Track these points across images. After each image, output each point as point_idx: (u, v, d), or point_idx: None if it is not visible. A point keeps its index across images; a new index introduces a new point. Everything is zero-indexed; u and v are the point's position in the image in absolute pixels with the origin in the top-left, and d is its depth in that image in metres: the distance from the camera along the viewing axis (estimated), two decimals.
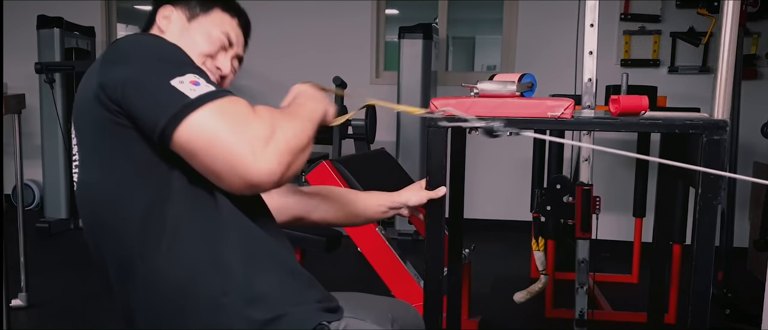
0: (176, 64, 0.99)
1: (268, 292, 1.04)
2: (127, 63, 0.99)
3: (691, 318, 1.40)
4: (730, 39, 1.51)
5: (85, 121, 1.04)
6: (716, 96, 1.53)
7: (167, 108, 0.93)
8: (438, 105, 1.46)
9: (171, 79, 0.95)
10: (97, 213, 1.07)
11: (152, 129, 0.95)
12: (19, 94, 2.79)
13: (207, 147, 0.93)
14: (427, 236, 1.50)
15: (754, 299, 2.50)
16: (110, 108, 0.98)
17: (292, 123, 1.00)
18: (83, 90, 1.05)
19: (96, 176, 1.05)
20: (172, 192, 1.01)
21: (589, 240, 2.41)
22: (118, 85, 0.97)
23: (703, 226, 1.37)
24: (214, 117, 0.93)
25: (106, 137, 1.01)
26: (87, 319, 2.92)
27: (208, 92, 0.95)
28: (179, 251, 1.02)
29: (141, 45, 1.02)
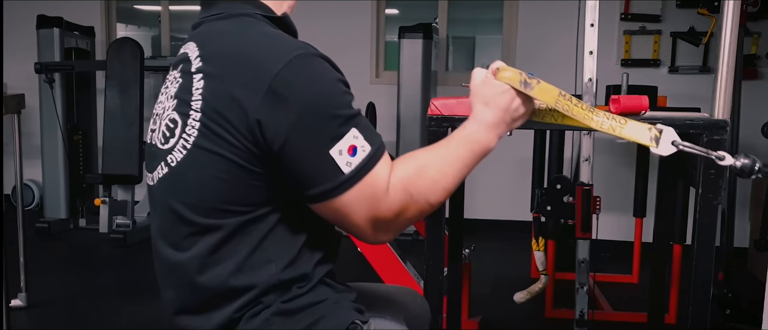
0: (339, 122, 0.96)
1: (310, 275, 1.06)
2: (294, 113, 0.94)
3: (691, 318, 1.40)
4: (730, 39, 1.51)
5: (214, 116, 0.97)
6: (716, 96, 1.53)
7: (319, 183, 0.96)
8: (438, 105, 1.46)
9: (330, 149, 0.95)
10: (182, 195, 1.04)
11: (296, 188, 0.97)
12: (18, 94, 2.79)
13: (339, 220, 1.00)
14: (427, 236, 1.50)
15: (754, 299, 2.50)
16: (259, 144, 0.95)
17: (437, 183, 1.02)
18: (221, 94, 0.97)
19: (207, 170, 0.99)
20: (266, 220, 1.02)
21: (589, 240, 2.41)
22: (280, 135, 0.94)
23: (704, 226, 1.37)
24: (355, 202, 0.97)
25: (237, 157, 0.97)
26: (87, 319, 2.92)
27: (360, 167, 0.96)
28: (249, 268, 1.03)
29: (310, 87, 0.96)
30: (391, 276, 2.40)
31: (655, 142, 1.09)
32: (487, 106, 1.08)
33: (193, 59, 1.02)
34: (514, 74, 1.07)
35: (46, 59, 4.32)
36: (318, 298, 1.06)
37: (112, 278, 3.55)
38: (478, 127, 1.07)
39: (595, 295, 3.16)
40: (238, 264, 1.02)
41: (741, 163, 1.08)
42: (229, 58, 0.99)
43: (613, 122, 1.10)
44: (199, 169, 1.00)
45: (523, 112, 1.10)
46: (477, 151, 1.06)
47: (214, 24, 1.06)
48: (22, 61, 4.44)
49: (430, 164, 1.03)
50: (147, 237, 4.21)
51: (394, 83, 4.31)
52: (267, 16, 1.08)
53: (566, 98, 1.09)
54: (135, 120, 4.02)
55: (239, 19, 1.05)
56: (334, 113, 0.96)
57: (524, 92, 1.07)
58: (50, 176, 4.50)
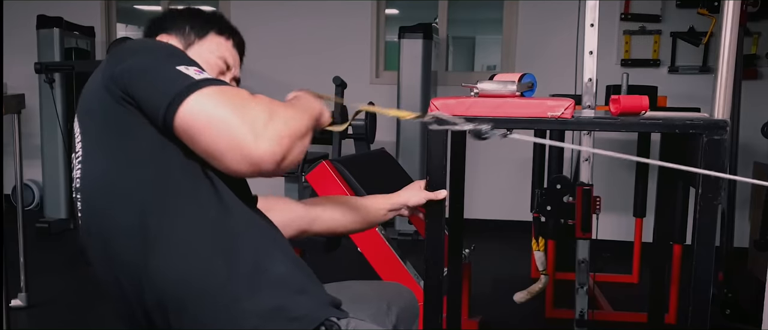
0: (181, 57, 1.04)
1: (275, 280, 1.05)
2: (136, 54, 1.03)
3: (691, 318, 1.40)
4: (730, 39, 1.51)
5: (93, 116, 1.06)
6: (716, 96, 1.53)
7: (172, 88, 0.96)
8: (438, 105, 1.46)
9: (177, 66, 0.99)
10: (99, 204, 1.06)
11: (157, 110, 0.97)
12: (18, 94, 2.79)
13: (208, 125, 0.94)
14: (427, 236, 1.50)
15: (754, 299, 2.50)
16: (119, 96, 1.00)
17: (290, 111, 1.02)
18: (90, 85, 1.08)
19: (101, 170, 1.05)
20: (175, 180, 1.02)
21: (589, 240, 2.41)
22: (126, 72, 1.00)
23: (703, 226, 1.37)
24: (216, 98, 0.95)
25: (113, 128, 1.03)
26: (87, 319, 2.92)
27: (213, 78, 0.99)
28: (183, 243, 1.02)
29: (148, 42, 1.11)
30: (390, 276, 2.40)
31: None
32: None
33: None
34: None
35: (46, 59, 4.32)
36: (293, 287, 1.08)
37: None
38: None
39: (595, 295, 3.16)
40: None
41: (471, 126, 1.25)
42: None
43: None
44: (100, 173, 1.08)
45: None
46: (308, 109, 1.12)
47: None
48: (22, 61, 4.45)
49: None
50: None
51: (394, 83, 4.31)
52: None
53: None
54: None
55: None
56: (173, 52, 1.04)
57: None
58: (50, 176, 4.50)
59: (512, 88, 1.42)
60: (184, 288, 1.02)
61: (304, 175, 2.42)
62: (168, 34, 1.23)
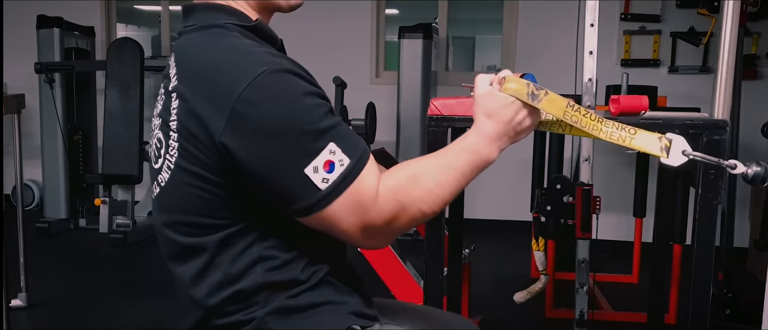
0: (311, 138, 0.93)
1: (297, 302, 1.04)
2: (261, 133, 0.92)
3: (691, 318, 1.40)
4: (730, 39, 1.51)
5: (187, 139, 0.97)
6: (716, 96, 1.53)
7: (297, 201, 0.94)
8: (438, 105, 1.46)
9: (305, 167, 0.92)
10: (175, 215, 1.05)
11: (279, 206, 0.96)
12: (18, 94, 2.78)
13: (326, 230, 0.97)
14: (427, 236, 1.50)
15: (754, 299, 2.50)
16: (229, 165, 0.95)
17: (431, 193, 0.99)
18: (189, 112, 0.96)
19: (187, 191, 1.01)
20: (253, 221, 1.02)
21: (589, 240, 2.41)
22: (249, 158, 0.93)
23: (703, 226, 1.37)
24: (340, 214, 0.95)
25: (206, 171, 0.97)
26: (87, 319, 2.92)
27: (338, 182, 0.94)
28: (235, 274, 1.03)
29: (275, 106, 0.92)
30: (391, 276, 2.40)
31: (666, 151, 1.07)
32: (490, 118, 1.04)
33: (172, 76, 1.02)
34: (520, 86, 1.03)
35: (46, 59, 4.32)
36: (317, 299, 1.05)
37: (112, 278, 3.55)
38: (479, 138, 1.03)
39: (595, 295, 3.16)
40: (222, 276, 1.02)
41: (753, 171, 1.07)
42: (196, 77, 0.98)
43: (622, 132, 1.08)
44: (181, 188, 1.00)
45: (529, 124, 1.05)
46: (476, 163, 1.03)
47: (189, 36, 1.05)
48: (22, 61, 4.44)
49: (426, 173, 1.00)
50: (147, 237, 4.23)
51: (394, 83, 4.31)
52: (241, 25, 1.04)
53: (575, 109, 1.06)
54: (135, 120, 4.02)
55: (211, 31, 1.03)
56: (305, 129, 0.92)
57: (531, 104, 1.04)
58: (50, 176, 4.49)
59: None
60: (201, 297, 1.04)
61: None
62: None
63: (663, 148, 1.07)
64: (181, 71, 1.00)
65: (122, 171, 4.00)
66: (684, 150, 1.07)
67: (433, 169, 1.01)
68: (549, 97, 1.04)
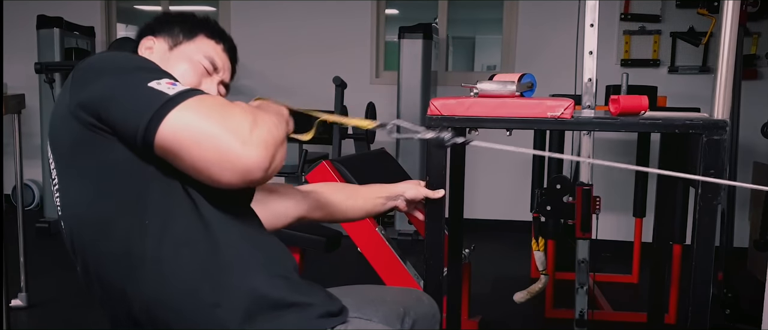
0: (150, 70, 0.99)
1: (260, 302, 1.02)
2: (101, 75, 0.98)
3: (691, 318, 1.40)
4: (730, 39, 1.51)
5: (64, 143, 1.03)
6: (716, 96, 1.53)
7: (148, 107, 0.92)
8: (438, 105, 1.46)
9: (148, 82, 0.95)
10: (81, 233, 1.05)
11: (134, 132, 0.93)
12: (18, 94, 2.79)
13: (193, 140, 0.91)
14: (427, 236, 1.50)
15: (754, 299, 2.50)
16: (89, 123, 0.97)
17: (268, 116, 1.00)
18: (57, 113, 1.04)
19: (77, 198, 1.04)
20: (155, 203, 1.00)
21: (589, 240, 2.41)
22: (95, 97, 0.96)
23: (703, 226, 1.37)
24: (197, 110, 0.92)
25: (86, 155, 1.00)
26: (87, 319, 2.92)
27: (187, 89, 0.95)
28: (166, 265, 1.00)
29: (112, 58, 1.02)
30: (391, 276, 2.40)
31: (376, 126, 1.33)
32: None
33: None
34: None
35: (47, 59, 4.32)
36: (289, 298, 1.04)
37: None
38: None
39: (595, 295, 3.16)
40: (155, 263, 1.01)
41: (433, 135, 1.29)
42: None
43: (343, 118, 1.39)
44: (77, 200, 1.07)
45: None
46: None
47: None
48: (22, 61, 4.45)
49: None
50: None
51: (394, 83, 4.31)
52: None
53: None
54: None
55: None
56: (142, 66, 1.00)
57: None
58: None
59: (512, 88, 1.42)
60: (170, 314, 1.00)
61: (304, 175, 2.42)
62: (155, 37, 1.20)
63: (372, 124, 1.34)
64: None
65: None
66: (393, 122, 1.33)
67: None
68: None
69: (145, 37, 1.21)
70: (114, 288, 1.04)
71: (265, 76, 4.65)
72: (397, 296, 1.36)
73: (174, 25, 1.21)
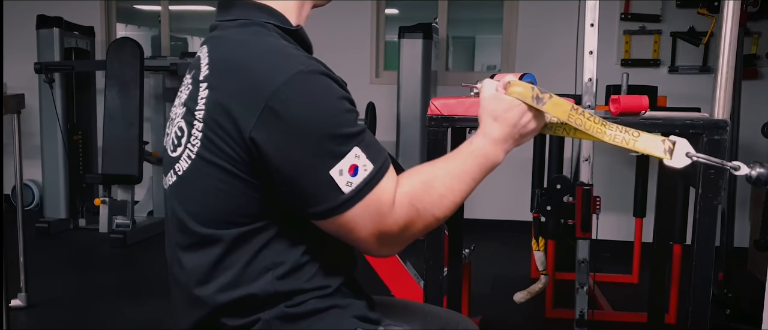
0: (339, 141, 0.94)
1: (302, 309, 1.03)
2: (292, 133, 0.93)
3: (691, 318, 1.40)
4: (730, 39, 1.51)
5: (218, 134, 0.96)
6: (716, 96, 1.53)
7: (319, 202, 0.94)
8: (438, 105, 1.46)
9: (330, 169, 0.93)
10: (186, 205, 1.04)
11: (294, 207, 0.96)
12: (18, 94, 2.78)
13: (342, 235, 0.98)
14: (427, 236, 1.50)
15: (754, 299, 2.50)
16: (255, 160, 0.94)
17: (444, 198, 1.01)
18: (221, 106, 0.96)
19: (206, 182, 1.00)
20: (266, 225, 1.01)
21: (589, 240, 2.41)
22: (277, 155, 0.93)
23: (704, 226, 1.37)
24: (358, 220, 0.95)
25: (230, 166, 0.97)
26: (87, 319, 2.92)
27: (361, 186, 0.94)
28: (247, 279, 1.01)
29: (308, 106, 0.93)
30: (391, 276, 2.40)
31: (669, 153, 1.08)
32: (496, 121, 1.06)
33: (203, 66, 1.01)
34: (525, 89, 1.04)
35: (46, 59, 4.32)
36: (323, 304, 1.04)
37: (112, 278, 3.55)
38: (486, 142, 1.06)
39: (595, 295, 3.16)
40: (235, 276, 1.01)
41: (757, 172, 1.07)
42: (231, 70, 0.98)
43: (626, 135, 1.09)
44: (201, 179, 0.99)
45: (534, 127, 1.08)
46: (484, 166, 1.06)
47: (227, 31, 1.05)
48: (22, 61, 4.44)
49: (437, 179, 1.01)
50: (147, 237, 4.23)
51: (394, 83, 4.30)
52: (281, 28, 1.05)
53: (579, 112, 1.07)
54: (135, 120, 4.02)
55: (252, 28, 1.03)
56: (334, 133, 0.93)
57: (536, 107, 1.05)
58: (50, 176, 4.49)
59: None
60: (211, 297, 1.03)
61: None
62: None
63: (666, 150, 1.08)
64: (214, 63, 1.00)
65: (122, 171, 4.00)
66: (687, 152, 1.07)
67: (444, 174, 1.03)
68: (553, 100, 1.06)
69: None
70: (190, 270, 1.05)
71: None
72: (437, 314, 1.34)
73: None
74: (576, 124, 1.08)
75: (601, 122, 1.09)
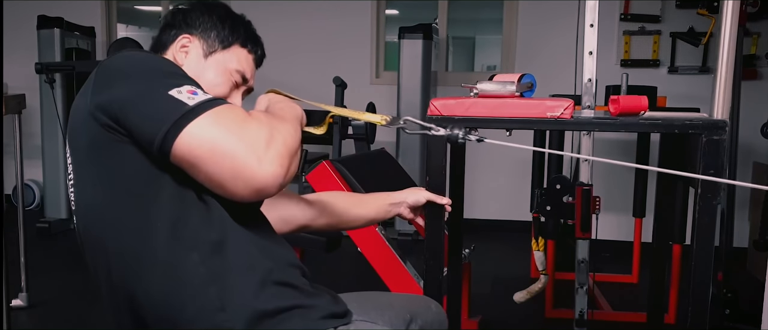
0: (172, 76, 0.99)
1: (266, 306, 1.02)
2: (123, 79, 0.99)
3: (691, 318, 1.41)
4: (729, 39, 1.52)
5: (81, 141, 1.03)
6: (716, 96, 1.53)
7: (167, 117, 0.93)
8: (438, 105, 1.46)
9: (169, 90, 0.95)
10: (92, 230, 1.07)
11: (151, 140, 0.95)
12: (19, 95, 2.79)
13: (210, 154, 0.93)
14: (427, 236, 1.51)
15: (753, 299, 2.50)
16: (107, 125, 0.98)
17: (285, 125, 1.01)
18: (77, 111, 1.04)
19: (91, 196, 1.04)
20: (167, 208, 1.00)
21: (589, 240, 2.41)
22: (115, 101, 0.97)
23: (703, 226, 1.37)
24: (215, 124, 0.93)
25: (102, 155, 1.01)
26: (87, 319, 2.92)
27: (207, 100, 0.96)
28: (175, 267, 1.00)
29: (135, 61, 1.01)
30: (391, 276, 2.40)
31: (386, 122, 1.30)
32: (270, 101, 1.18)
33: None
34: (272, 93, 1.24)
35: (47, 59, 4.32)
36: (284, 303, 1.04)
37: None
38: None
39: (594, 295, 3.17)
40: (164, 266, 1.01)
41: (447, 131, 1.27)
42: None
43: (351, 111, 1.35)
44: (89, 195, 1.07)
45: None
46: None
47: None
48: (23, 61, 4.45)
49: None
50: None
51: (394, 83, 4.31)
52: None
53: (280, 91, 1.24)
54: None
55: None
56: (164, 70, 1.00)
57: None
58: (51, 176, 4.50)
59: (512, 88, 1.42)
60: (175, 314, 1.01)
61: (304, 176, 2.42)
62: (191, 35, 1.18)
63: (384, 120, 1.30)
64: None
65: None
66: (405, 119, 1.31)
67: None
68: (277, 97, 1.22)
69: (181, 34, 1.18)
70: (121, 287, 1.04)
71: (265, 76, 4.63)
72: (405, 302, 1.35)
73: (212, 29, 1.19)
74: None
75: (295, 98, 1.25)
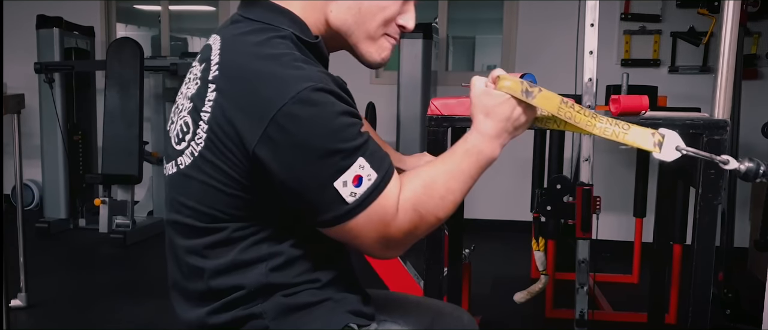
0: (343, 155, 0.94)
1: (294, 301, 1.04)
2: (295, 149, 0.93)
3: (691, 318, 1.40)
4: (730, 39, 1.51)
5: (222, 140, 0.97)
6: (716, 96, 1.53)
7: (325, 211, 0.96)
8: (438, 105, 1.46)
9: (335, 181, 0.94)
10: (183, 214, 1.06)
11: (300, 214, 0.98)
12: (18, 94, 2.78)
13: (352, 241, 1.00)
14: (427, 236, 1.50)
15: (754, 299, 2.50)
16: (259, 173, 0.96)
17: (445, 199, 1.02)
18: (223, 106, 0.96)
19: (203, 191, 1.01)
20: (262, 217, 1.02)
21: (589, 240, 2.41)
22: (280, 171, 0.94)
23: (704, 226, 1.37)
24: (363, 228, 0.97)
25: (241, 187, 0.98)
26: (87, 319, 2.92)
27: (366, 196, 0.96)
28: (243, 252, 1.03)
29: (312, 123, 0.93)
30: (391, 276, 2.40)
31: (659, 147, 1.07)
32: (488, 116, 1.06)
33: (213, 65, 1.00)
34: (514, 83, 1.05)
35: (46, 59, 4.32)
36: (316, 297, 1.05)
37: (112, 278, 3.55)
38: (481, 138, 1.06)
39: (595, 295, 3.16)
40: (228, 264, 1.02)
41: (745, 166, 1.07)
42: (240, 79, 0.97)
43: (616, 128, 1.09)
44: (203, 178, 1.00)
45: (525, 120, 1.08)
46: (481, 162, 1.06)
47: (243, 35, 1.03)
48: (22, 61, 4.44)
49: (437, 180, 1.02)
50: (147, 237, 4.23)
51: (394, 83, 4.30)
52: (300, 38, 1.04)
53: (568, 106, 1.08)
54: (135, 120, 4.02)
55: (267, 35, 1.01)
56: (338, 148, 0.94)
57: (526, 101, 1.06)
58: (50, 176, 4.49)
59: None
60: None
61: None
62: None
63: (656, 143, 1.08)
64: (223, 66, 0.99)
65: (122, 171, 4.00)
66: (677, 145, 1.07)
67: (443, 174, 1.03)
68: (543, 93, 1.07)
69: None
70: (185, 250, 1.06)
71: None
72: (432, 308, 1.35)
73: None
74: (566, 117, 1.08)
75: (592, 114, 1.10)
